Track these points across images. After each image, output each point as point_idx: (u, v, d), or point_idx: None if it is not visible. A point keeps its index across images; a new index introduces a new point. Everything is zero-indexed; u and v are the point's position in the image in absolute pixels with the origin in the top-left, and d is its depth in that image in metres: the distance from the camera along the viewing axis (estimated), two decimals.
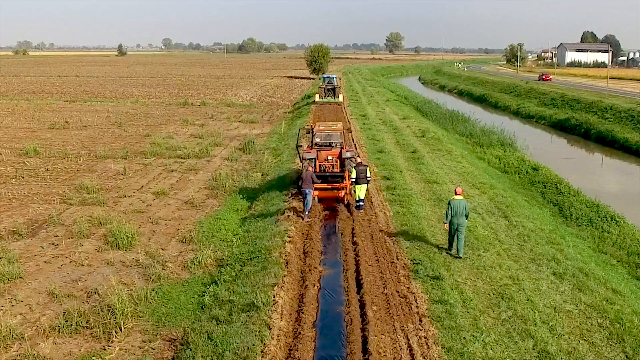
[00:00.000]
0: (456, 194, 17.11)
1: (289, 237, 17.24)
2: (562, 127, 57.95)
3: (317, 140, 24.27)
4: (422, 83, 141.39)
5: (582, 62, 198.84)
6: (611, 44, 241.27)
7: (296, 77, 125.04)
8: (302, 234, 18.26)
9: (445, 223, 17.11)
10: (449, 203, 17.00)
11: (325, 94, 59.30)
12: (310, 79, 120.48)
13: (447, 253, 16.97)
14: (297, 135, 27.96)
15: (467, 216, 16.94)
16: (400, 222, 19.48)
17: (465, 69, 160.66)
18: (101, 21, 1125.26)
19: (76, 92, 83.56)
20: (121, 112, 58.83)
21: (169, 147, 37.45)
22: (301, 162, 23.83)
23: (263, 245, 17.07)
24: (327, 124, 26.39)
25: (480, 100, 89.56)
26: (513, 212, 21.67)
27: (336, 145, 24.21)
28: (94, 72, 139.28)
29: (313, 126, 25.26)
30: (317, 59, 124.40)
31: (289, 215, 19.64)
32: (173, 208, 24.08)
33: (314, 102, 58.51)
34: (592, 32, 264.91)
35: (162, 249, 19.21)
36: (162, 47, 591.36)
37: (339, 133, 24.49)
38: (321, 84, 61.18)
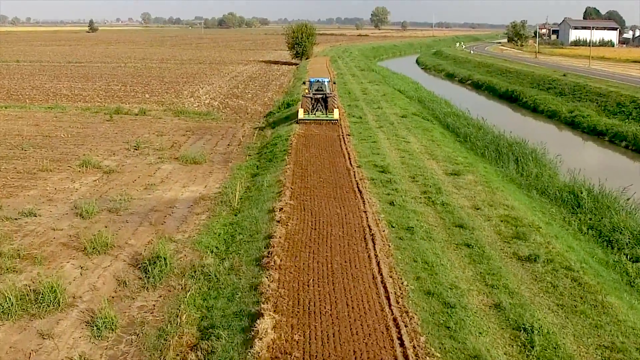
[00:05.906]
0: None
1: None
2: None
3: None
4: (422, 68, 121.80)
5: (587, 40, 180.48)
6: (615, 20, 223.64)
7: (276, 62, 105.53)
8: None
9: None
10: None
11: (312, 106, 39.49)
12: (292, 64, 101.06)
13: None
14: None
15: None
16: None
17: (472, 52, 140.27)
18: None
19: None
20: (11, 132, 39.47)
21: (1, 257, 18.32)
22: None
23: None
24: None
25: (508, 98, 70.03)
26: None
27: None
28: (44, 55, 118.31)
29: None
30: (300, 41, 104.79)
31: None
32: None
33: (297, 120, 39.06)
34: (595, 8, 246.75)
35: None
36: (142, 22, 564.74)
37: None
38: (306, 90, 40.78)
